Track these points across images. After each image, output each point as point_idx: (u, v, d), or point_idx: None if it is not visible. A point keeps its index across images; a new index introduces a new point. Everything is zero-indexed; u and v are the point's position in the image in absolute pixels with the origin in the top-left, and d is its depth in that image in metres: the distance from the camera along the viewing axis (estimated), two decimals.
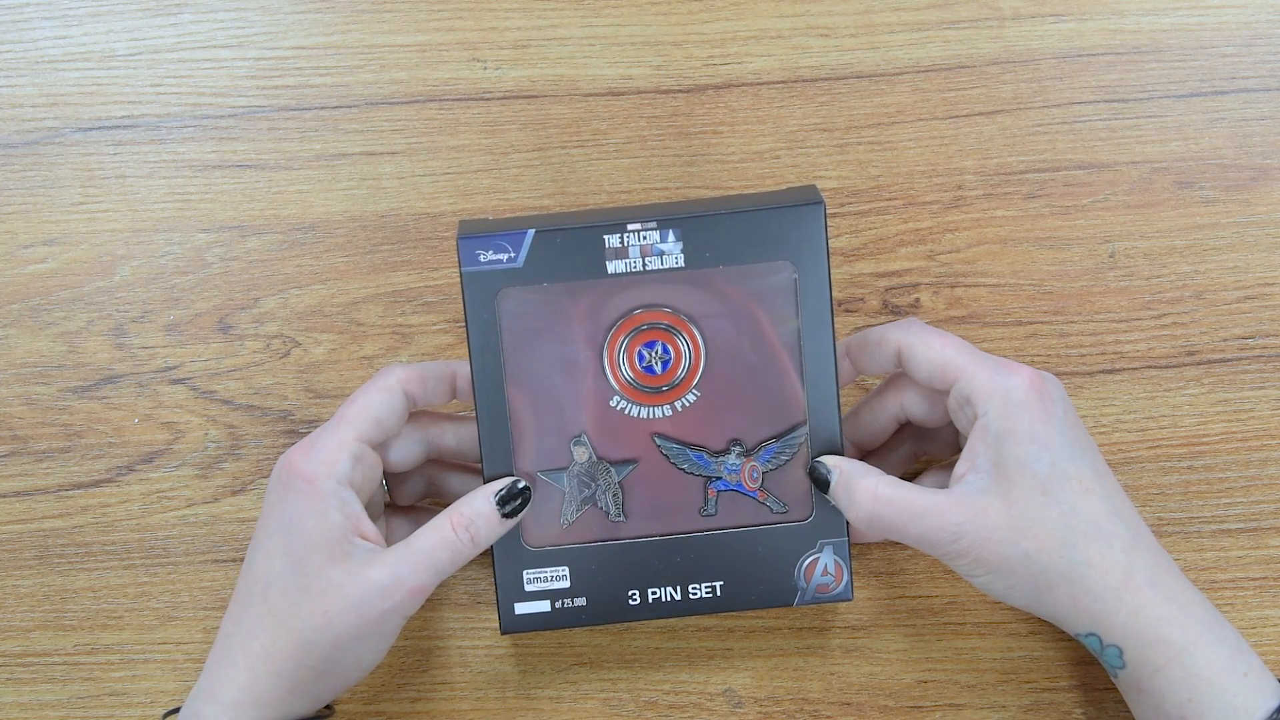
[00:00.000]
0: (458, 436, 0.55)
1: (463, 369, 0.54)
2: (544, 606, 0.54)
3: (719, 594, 0.54)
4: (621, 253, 0.50)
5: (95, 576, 0.59)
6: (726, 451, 0.53)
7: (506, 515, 0.52)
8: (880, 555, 0.60)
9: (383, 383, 0.52)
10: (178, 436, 0.60)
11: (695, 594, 0.54)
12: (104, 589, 0.59)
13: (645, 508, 0.54)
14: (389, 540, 0.54)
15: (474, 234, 0.51)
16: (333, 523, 0.49)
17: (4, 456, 0.60)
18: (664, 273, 0.51)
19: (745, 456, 0.53)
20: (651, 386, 0.53)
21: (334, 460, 0.50)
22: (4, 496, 0.60)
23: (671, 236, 0.50)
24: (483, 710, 0.58)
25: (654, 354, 0.52)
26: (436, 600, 0.59)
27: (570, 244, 0.50)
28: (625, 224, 0.50)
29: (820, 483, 0.52)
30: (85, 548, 0.60)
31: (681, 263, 0.51)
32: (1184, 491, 0.60)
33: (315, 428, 0.60)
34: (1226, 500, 0.60)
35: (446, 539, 0.51)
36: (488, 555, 0.53)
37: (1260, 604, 0.60)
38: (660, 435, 0.53)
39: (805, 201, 0.52)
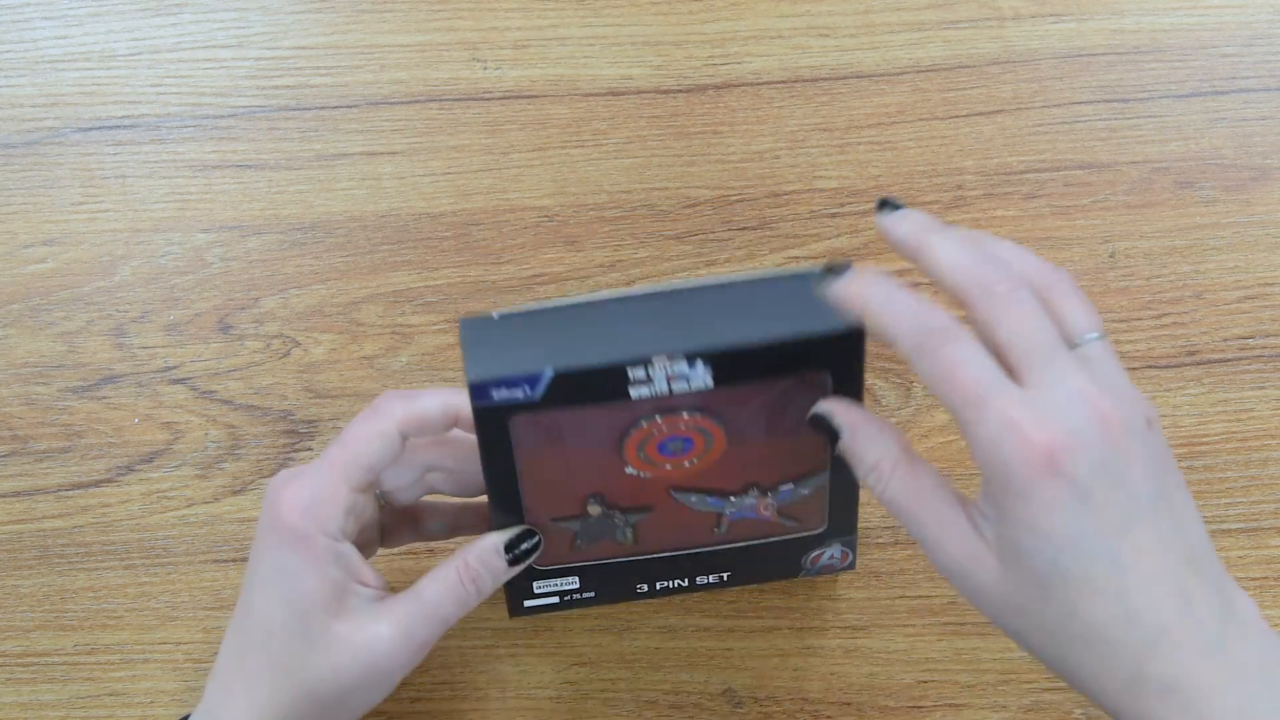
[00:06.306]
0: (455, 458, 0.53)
1: (466, 407, 0.49)
2: (553, 600, 0.55)
3: (725, 581, 0.55)
4: (646, 381, 0.45)
5: (95, 576, 0.59)
6: (743, 493, 0.52)
7: (514, 562, 0.51)
8: (880, 555, 0.60)
9: (379, 427, 0.49)
10: (178, 436, 0.60)
11: (702, 582, 0.55)
12: (104, 589, 0.59)
13: (658, 535, 0.53)
14: (384, 536, 0.54)
15: (487, 379, 0.45)
16: (333, 578, 0.48)
17: (4, 456, 0.60)
18: (690, 394, 0.46)
19: (762, 495, 0.52)
20: (670, 465, 0.50)
21: (328, 516, 0.48)
22: (4, 496, 0.60)
23: (700, 365, 0.45)
24: (483, 710, 0.58)
25: (675, 445, 0.50)
26: None
27: (591, 380, 0.45)
28: (650, 357, 0.45)
29: (829, 435, 0.47)
30: (85, 548, 0.60)
31: (710, 384, 0.45)
32: None
33: (315, 428, 0.60)
34: (1226, 500, 0.60)
35: (454, 590, 0.49)
36: None
37: (1260, 604, 0.60)
38: (677, 488, 0.51)
39: (846, 330, 0.45)
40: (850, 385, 0.47)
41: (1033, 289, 0.43)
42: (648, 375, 0.44)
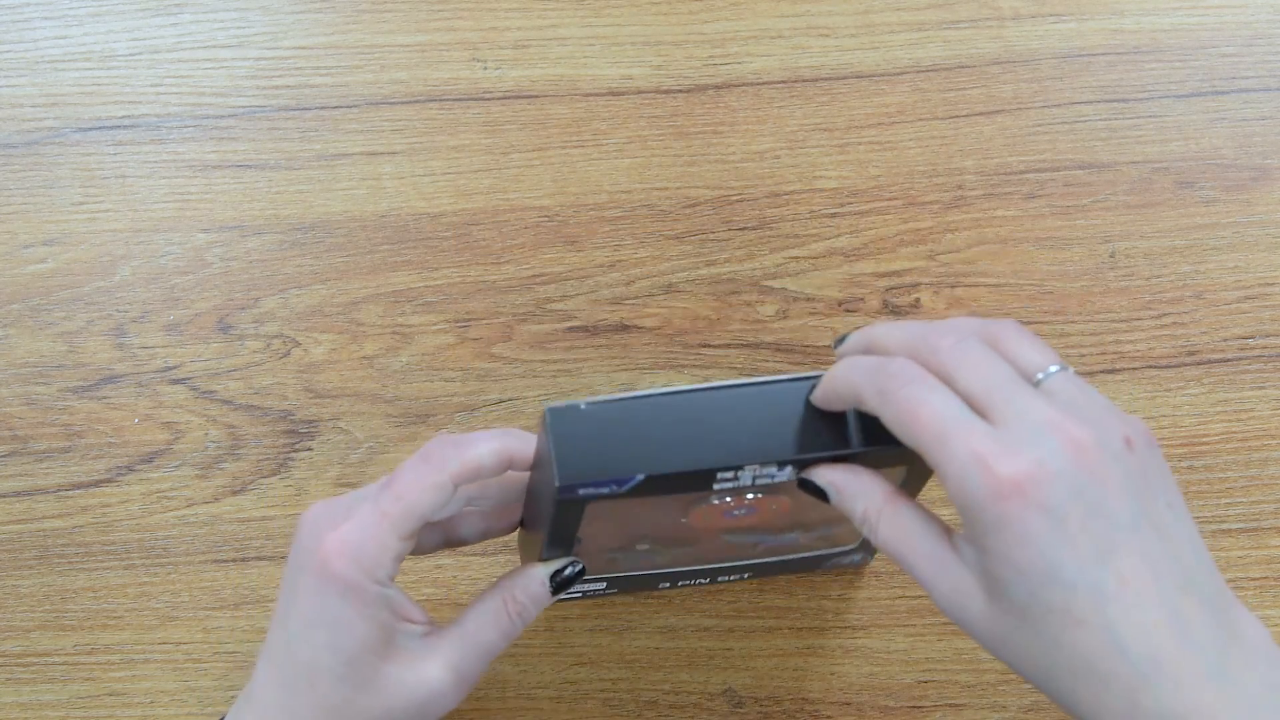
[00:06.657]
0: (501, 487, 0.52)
1: (520, 451, 0.49)
2: (575, 595, 0.56)
3: (746, 577, 0.56)
4: (732, 480, 0.46)
5: (95, 576, 0.59)
6: (788, 531, 0.52)
7: (557, 590, 0.50)
8: (881, 555, 0.60)
9: (433, 479, 0.47)
10: (178, 436, 0.60)
11: (724, 579, 0.56)
12: (104, 589, 0.59)
13: (695, 557, 0.53)
14: (415, 546, 0.53)
15: (576, 481, 0.44)
16: (381, 622, 0.47)
17: (4, 456, 0.60)
18: (771, 485, 0.47)
19: (804, 532, 0.53)
20: (731, 523, 0.51)
21: (378, 565, 0.47)
22: (4, 496, 0.60)
23: (789, 468, 0.45)
24: (483, 710, 0.58)
25: (739, 512, 0.50)
26: (438, 600, 0.59)
27: (679, 480, 0.45)
28: (742, 465, 0.45)
29: (818, 496, 0.48)
30: (85, 548, 0.60)
31: (793, 478, 0.46)
32: (1184, 491, 0.60)
33: (315, 428, 0.60)
34: (1226, 500, 0.60)
35: (500, 623, 0.49)
36: (510, 552, 0.53)
37: (1260, 604, 0.60)
38: (727, 531, 0.52)
39: None
40: (919, 480, 0.48)
41: (981, 340, 0.43)
42: (735, 476, 0.44)
